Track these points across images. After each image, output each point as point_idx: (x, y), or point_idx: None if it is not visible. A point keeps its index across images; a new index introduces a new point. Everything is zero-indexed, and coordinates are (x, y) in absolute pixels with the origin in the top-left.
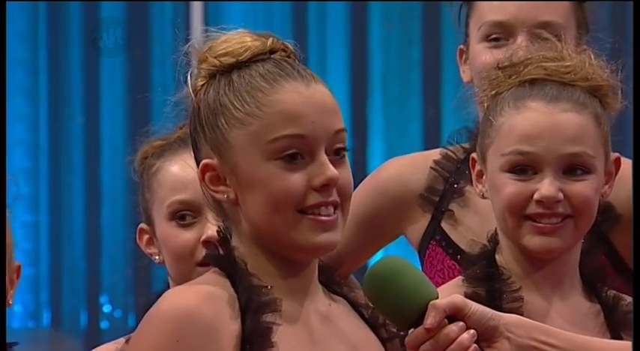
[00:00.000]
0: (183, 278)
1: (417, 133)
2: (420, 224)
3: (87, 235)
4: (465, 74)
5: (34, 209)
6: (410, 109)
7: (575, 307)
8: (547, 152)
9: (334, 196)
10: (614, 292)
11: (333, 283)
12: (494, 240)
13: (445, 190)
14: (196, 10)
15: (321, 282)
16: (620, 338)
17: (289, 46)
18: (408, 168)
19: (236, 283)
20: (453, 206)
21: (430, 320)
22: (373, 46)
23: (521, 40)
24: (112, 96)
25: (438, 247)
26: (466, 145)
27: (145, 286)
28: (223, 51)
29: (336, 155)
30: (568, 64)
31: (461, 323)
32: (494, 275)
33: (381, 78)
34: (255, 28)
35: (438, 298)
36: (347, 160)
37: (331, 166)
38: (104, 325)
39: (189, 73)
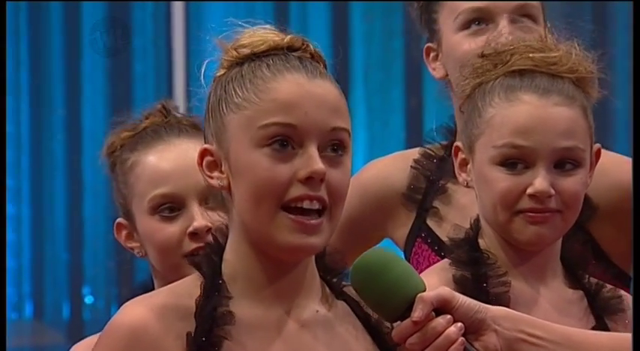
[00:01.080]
0: (171, 271)
1: (400, 122)
2: (404, 223)
3: (69, 227)
4: (437, 71)
5: (16, 202)
6: (392, 99)
7: (559, 294)
8: (541, 146)
9: (322, 193)
10: (594, 279)
11: (338, 285)
12: (476, 225)
13: (428, 188)
14: (177, 10)
15: (325, 282)
16: (604, 323)
17: (312, 47)
18: (388, 168)
19: (205, 292)
20: (436, 203)
21: (417, 313)
22: (355, 39)
23: (502, 25)
24: (92, 89)
25: (424, 244)
26: (445, 143)
27: (127, 278)
28: (243, 43)
29: (332, 152)
30: (554, 55)
31: (448, 316)
32: (479, 259)
33: (363, 70)
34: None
35: (425, 290)
36: (346, 162)
37: (319, 161)
38: (86, 316)
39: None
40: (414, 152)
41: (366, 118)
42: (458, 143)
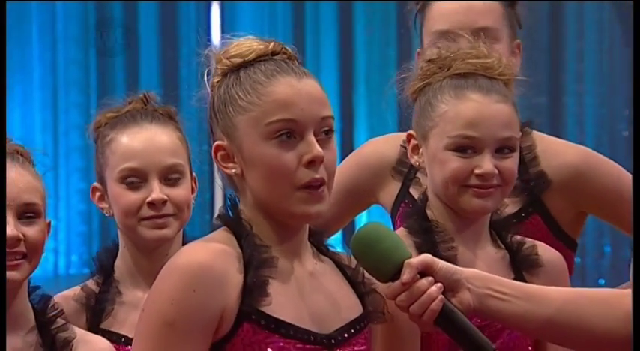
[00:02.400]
0: (129, 230)
1: (393, 115)
2: (392, 190)
3: None
4: None
5: (87, 179)
6: (388, 97)
7: (489, 254)
8: (487, 136)
9: (321, 174)
10: (519, 237)
11: (321, 245)
12: (424, 199)
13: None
14: (214, 11)
15: (312, 244)
16: (522, 276)
17: (289, 49)
18: (384, 145)
19: (242, 241)
20: (419, 175)
21: (405, 276)
22: (358, 46)
23: (463, 44)
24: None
25: (407, 208)
26: None
27: None
28: (233, 53)
29: (325, 136)
30: (489, 61)
31: (430, 278)
32: (429, 228)
33: (365, 72)
34: (262, 32)
35: (411, 257)
36: (333, 141)
37: (317, 146)
38: None
39: (206, 72)
40: (404, 135)
41: (367, 112)
42: (411, 132)
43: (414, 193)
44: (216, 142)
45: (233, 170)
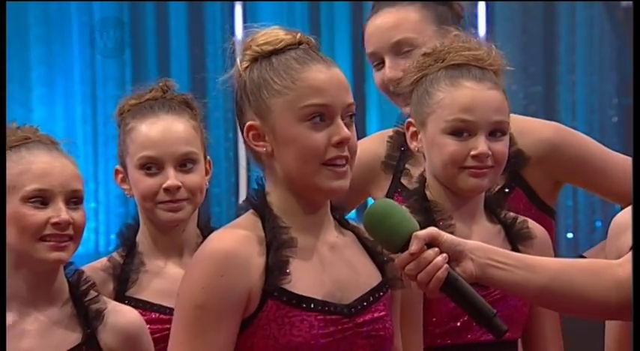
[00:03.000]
0: (148, 212)
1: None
2: (384, 183)
3: None
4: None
5: None
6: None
7: (485, 229)
8: (481, 120)
9: (346, 152)
10: (512, 214)
11: (343, 219)
12: (422, 180)
13: (400, 155)
14: (238, 10)
15: (334, 218)
16: (517, 249)
17: (312, 40)
18: (372, 143)
19: (265, 224)
20: (407, 166)
21: (413, 247)
22: None
23: (388, 61)
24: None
25: (400, 197)
26: None
27: None
28: (264, 41)
29: (349, 119)
30: (480, 52)
31: (436, 249)
32: (428, 208)
33: None
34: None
35: (419, 230)
36: (353, 125)
37: (345, 129)
38: None
39: (238, 59)
40: (389, 131)
41: (377, 100)
42: (410, 120)
43: (406, 182)
44: (249, 122)
45: (264, 148)
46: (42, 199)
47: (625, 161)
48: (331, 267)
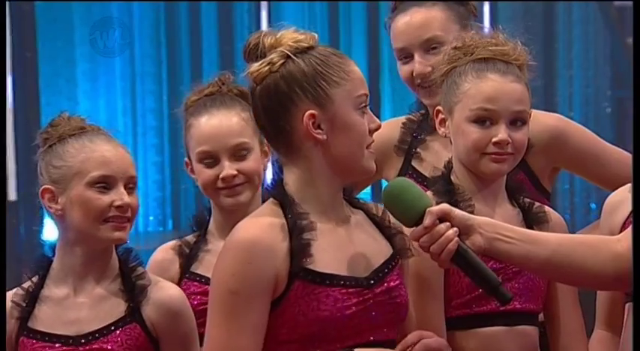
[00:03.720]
0: (211, 198)
1: (411, 98)
2: (396, 165)
3: None
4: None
5: (160, 153)
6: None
7: (505, 210)
8: (503, 109)
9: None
10: (529, 199)
11: (352, 199)
12: (449, 166)
13: (412, 140)
14: (264, 10)
15: (345, 200)
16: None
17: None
18: (386, 128)
19: (286, 211)
20: (419, 150)
21: (427, 221)
22: (383, 38)
23: (418, 57)
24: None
25: (410, 178)
26: (422, 112)
27: None
28: (295, 39)
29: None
30: (506, 48)
31: (448, 223)
32: (451, 190)
33: (389, 60)
34: (303, 26)
35: (432, 205)
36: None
37: (375, 117)
38: None
39: (270, 56)
40: (402, 118)
41: (391, 95)
42: (439, 107)
43: (416, 165)
44: (309, 112)
45: (320, 136)
46: (106, 184)
47: (617, 152)
48: (348, 244)
